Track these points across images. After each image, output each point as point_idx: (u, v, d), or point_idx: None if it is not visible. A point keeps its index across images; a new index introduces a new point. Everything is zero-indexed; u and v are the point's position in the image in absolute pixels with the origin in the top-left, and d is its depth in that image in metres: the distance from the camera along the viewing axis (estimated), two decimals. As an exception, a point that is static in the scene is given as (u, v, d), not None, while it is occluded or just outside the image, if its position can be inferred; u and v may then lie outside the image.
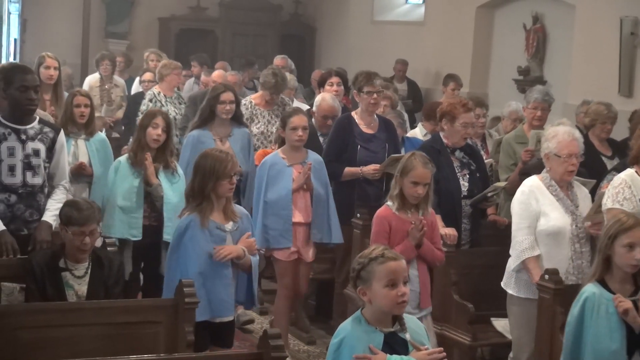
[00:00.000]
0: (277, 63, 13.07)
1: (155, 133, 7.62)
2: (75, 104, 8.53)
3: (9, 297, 5.99)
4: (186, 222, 6.24)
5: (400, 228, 6.50)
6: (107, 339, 5.59)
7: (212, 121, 8.75)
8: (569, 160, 6.60)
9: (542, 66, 14.30)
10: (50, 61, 9.33)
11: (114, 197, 7.62)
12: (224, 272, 6.28)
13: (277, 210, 7.73)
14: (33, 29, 18.16)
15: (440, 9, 16.29)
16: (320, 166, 7.94)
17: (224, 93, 8.71)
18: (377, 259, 4.46)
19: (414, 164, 6.48)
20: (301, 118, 7.81)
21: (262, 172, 7.87)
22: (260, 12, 19.47)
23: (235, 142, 8.75)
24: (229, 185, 6.25)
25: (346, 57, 17.87)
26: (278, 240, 7.74)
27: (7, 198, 6.59)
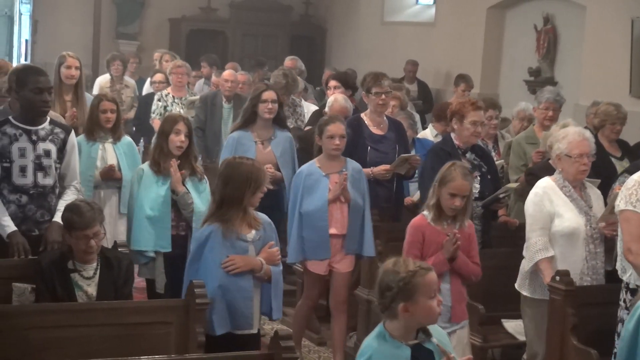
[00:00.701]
0: (288, 64, 13.08)
1: (178, 140, 7.27)
2: (101, 109, 8.25)
3: (20, 297, 6.00)
4: (207, 233, 6.00)
5: (434, 239, 6.30)
6: (117, 340, 5.60)
7: (254, 122, 8.46)
8: (580, 160, 6.60)
9: (553, 67, 14.26)
10: (72, 61, 9.05)
11: (141, 208, 7.24)
12: (244, 285, 6.03)
13: (313, 221, 7.50)
14: (44, 30, 18.21)
15: (450, 10, 16.27)
16: (359, 175, 7.69)
17: (266, 92, 8.42)
18: (417, 272, 4.33)
19: (453, 174, 6.26)
20: (338, 126, 7.54)
21: (298, 182, 7.64)
22: (270, 13, 19.47)
23: (277, 146, 8.48)
24: (260, 195, 6.08)
25: (356, 58, 17.87)
26: (315, 252, 7.55)
27: (19, 199, 6.60)
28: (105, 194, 8.32)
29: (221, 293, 5.92)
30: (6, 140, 6.58)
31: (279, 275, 6.20)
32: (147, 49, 17.98)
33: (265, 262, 6.06)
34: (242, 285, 6.01)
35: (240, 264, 5.97)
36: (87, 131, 8.25)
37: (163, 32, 19.13)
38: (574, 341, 6.16)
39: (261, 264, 6.04)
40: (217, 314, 5.89)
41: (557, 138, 6.77)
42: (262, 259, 6.07)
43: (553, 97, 8.90)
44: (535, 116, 9.04)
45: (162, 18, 19.18)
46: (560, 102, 8.96)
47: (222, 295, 5.92)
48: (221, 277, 5.93)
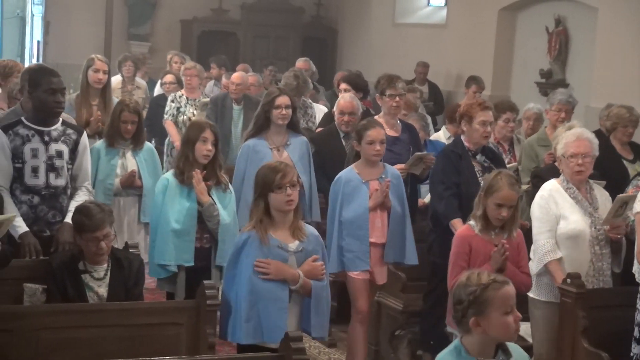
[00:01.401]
0: (299, 66, 13.09)
1: (205, 148, 6.95)
2: (122, 120, 8.01)
3: (32, 298, 6.01)
4: (244, 238, 5.77)
5: (481, 250, 6.12)
6: (128, 341, 5.61)
7: (268, 129, 8.20)
8: (574, 160, 6.64)
9: (565, 69, 14.24)
10: (100, 64, 8.90)
11: (166, 221, 6.90)
12: (280, 295, 5.71)
13: (353, 230, 7.18)
14: (56, 31, 18.25)
15: (462, 12, 16.26)
16: (398, 181, 7.42)
17: (279, 97, 8.13)
18: (491, 285, 4.13)
19: (499, 184, 6.08)
20: (378, 131, 7.26)
21: (337, 189, 7.31)
22: (282, 15, 19.49)
23: (293, 151, 8.21)
24: (284, 197, 5.70)
25: (368, 59, 17.87)
26: (355, 263, 7.19)
27: (30, 199, 6.61)
28: (125, 202, 8.13)
29: (254, 300, 5.66)
30: (19, 141, 6.59)
31: (322, 291, 5.86)
32: (158, 50, 18.03)
33: (303, 275, 5.75)
34: (278, 295, 5.71)
35: (272, 269, 5.69)
36: (107, 138, 8.10)
37: (174, 34, 19.16)
38: (585, 344, 6.15)
39: (298, 277, 5.74)
40: (248, 322, 5.65)
41: (557, 141, 6.82)
42: (302, 271, 5.77)
43: (565, 98, 8.90)
44: (548, 118, 9.04)
45: (173, 19, 19.21)
46: (572, 104, 8.96)
47: (254, 303, 5.66)
48: (255, 284, 5.66)
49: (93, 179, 7.63)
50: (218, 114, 10.87)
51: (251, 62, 16.74)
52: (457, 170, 7.40)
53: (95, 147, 7.98)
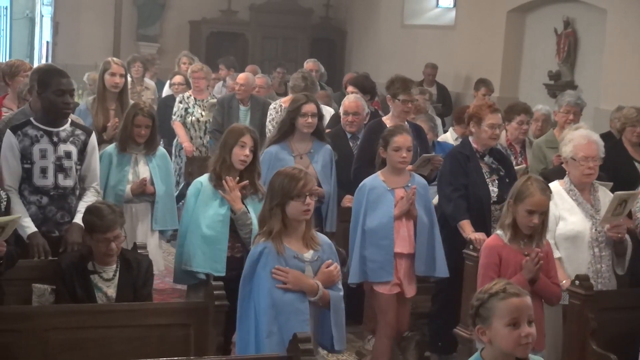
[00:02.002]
0: (308, 67, 13.10)
1: (242, 153, 6.75)
2: (136, 124, 7.76)
3: (40, 298, 6.02)
4: (259, 249, 5.51)
5: (511, 260, 5.92)
6: (137, 341, 5.61)
7: (292, 135, 8.00)
8: (585, 164, 6.61)
9: (573, 71, 14.23)
10: (117, 68, 8.71)
11: (197, 226, 6.70)
12: (300, 307, 5.49)
13: (377, 239, 6.99)
14: (65, 32, 18.30)
15: (471, 13, 16.26)
16: (425, 190, 7.23)
17: (306, 104, 7.90)
18: (497, 294, 4.00)
19: (530, 190, 5.88)
20: (405, 137, 7.09)
21: (360, 197, 7.13)
22: (290, 16, 19.51)
23: (317, 160, 8.01)
24: (302, 206, 5.47)
25: (376, 60, 17.88)
26: (378, 274, 7.00)
27: (39, 200, 6.62)
28: (137, 209, 7.92)
29: (274, 314, 5.43)
30: (27, 141, 6.60)
31: (340, 302, 5.67)
32: (167, 51, 18.07)
33: (321, 285, 5.55)
34: (299, 307, 5.49)
35: (290, 279, 5.46)
36: (119, 142, 7.88)
37: (183, 35, 19.19)
38: (594, 346, 6.13)
39: (316, 287, 5.53)
40: (270, 337, 5.42)
41: (565, 142, 6.79)
42: (319, 280, 5.57)
43: (574, 100, 8.89)
44: (556, 120, 9.03)
45: (182, 20, 19.23)
46: (581, 105, 8.95)
47: (275, 316, 5.43)
48: (276, 297, 5.44)
49: (104, 185, 7.57)
50: (225, 115, 10.90)
51: (260, 63, 16.77)
52: (465, 172, 7.41)
53: (107, 151, 7.86)
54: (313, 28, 19.89)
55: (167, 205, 7.92)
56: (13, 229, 5.64)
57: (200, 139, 11.31)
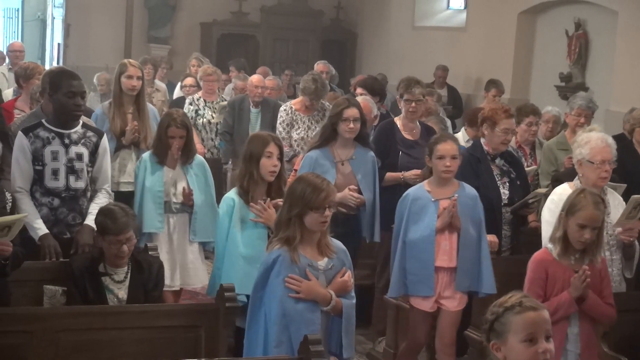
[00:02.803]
0: (319, 68, 13.11)
1: (271, 164, 6.44)
2: (170, 135, 7.42)
3: (52, 299, 6.04)
4: (273, 257, 5.37)
5: (559, 277, 5.69)
6: (148, 343, 5.63)
7: (334, 141, 7.67)
8: (602, 167, 6.56)
9: (584, 72, 14.20)
10: (133, 70, 8.38)
11: (235, 245, 6.42)
12: (311, 317, 5.38)
13: (418, 252, 6.76)
14: (76, 34, 18.35)
15: (482, 15, 16.24)
16: (474, 201, 6.92)
17: (348, 109, 7.56)
18: (513, 308, 3.82)
19: (583, 203, 5.65)
20: (450, 145, 6.84)
21: (403, 208, 6.88)
22: (301, 18, 19.52)
23: (358, 167, 7.69)
24: (320, 218, 5.33)
25: (387, 62, 17.88)
26: (417, 287, 6.80)
27: (51, 202, 6.64)
28: (176, 221, 7.54)
29: (285, 323, 5.32)
30: (39, 143, 6.62)
31: (351, 310, 5.54)
32: (178, 53, 18.09)
33: (334, 295, 5.44)
34: (310, 317, 5.37)
35: (303, 289, 5.35)
36: (155, 154, 7.54)
37: (194, 36, 19.21)
38: (605, 348, 6.12)
39: (330, 297, 5.41)
40: (278, 347, 5.31)
41: (579, 143, 6.73)
42: (333, 290, 5.44)
43: (585, 103, 8.86)
44: (567, 122, 9.01)
45: (193, 22, 19.26)
46: (592, 108, 8.93)
47: (285, 325, 5.31)
48: (287, 307, 5.33)
49: (140, 189, 7.43)
50: (235, 117, 10.91)
51: (270, 65, 16.79)
52: (476, 174, 7.40)
53: (143, 158, 7.60)
54: (324, 30, 19.90)
55: (207, 216, 7.48)
56: (19, 228, 5.64)
57: (211, 140, 11.31)
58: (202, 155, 10.81)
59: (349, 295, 5.54)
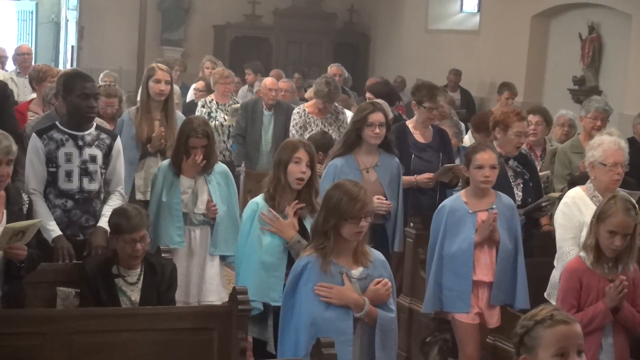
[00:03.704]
0: (332, 71, 13.10)
1: (298, 170, 6.14)
2: (191, 146, 7.05)
3: (65, 301, 6.05)
4: (303, 263, 5.20)
5: (593, 286, 5.53)
6: (160, 345, 5.62)
7: (358, 147, 7.42)
8: (614, 169, 6.54)
9: (598, 76, 14.19)
10: (162, 74, 8.12)
11: (253, 251, 6.14)
12: (342, 326, 5.14)
13: (455, 266, 6.54)
14: (90, 36, 18.40)
15: (495, 18, 16.23)
16: (512, 213, 6.73)
17: (373, 114, 7.30)
18: (544, 321, 3.71)
19: (613, 209, 5.48)
20: (489, 155, 6.61)
21: (439, 219, 6.67)
22: (314, 20, 19.53)
23: (383, 174, 7.44)
24: (356, 229, 5.13)
25: (400, 65, 17.88)
26: (454, 304, 6.57)
27: (64, 203, 6.65)
28: (198, 234, 7.21)
29: (315, 333, 5.04)
30: (53, 145, 6.63)
31: (390, 323, 5.29)
32: (191, 55, 18.11)
33: (369, 302, 5.20)
34: (340, 327, 5.14)
35: (334, 295, 5.14)
36: (174, 165, 7.17)
37: (207, 39, 19.24)
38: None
39: (363, 303, 5.18)
40: (308, 356, 5.04)
41: (592, 146, 6.71)
42: (368, 298, 5.21)
43: (602, 106, 8.84)
44: (582, 125, 8.98)
45: (206, 25, 19.30)
46: (608, 112, 8.91)
47: (315, 335, 5.02)
48: (316, 314, 5.11)
49: (157, 200, 7.13)
50: (248, 120, 10.92)
51: (283, 67, 16.79)
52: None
53: (161, 167, 7.28)
54: (337, 33, 19.91)
55: (229, 228, 7.15)
56: (33, 233, 5.66)
57: (224, 143, 11.33)
58: None
59: (387, 308, 5.29)
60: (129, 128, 8.09)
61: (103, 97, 8.49)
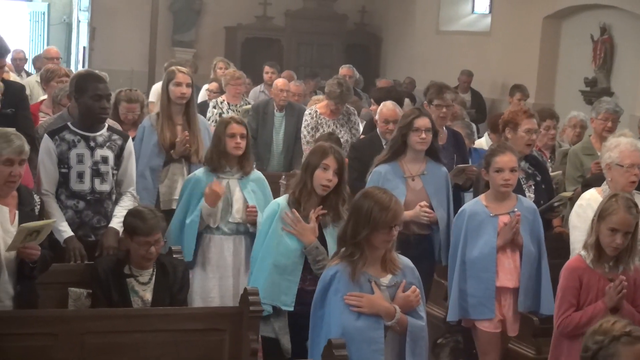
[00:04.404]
0: (343, 73, 13.11)
1: (324, 177, 5.98)
2: (229, 134, 6.86)
3: (76, 302, 6.05)
4: (332, 273, 5.10)
5: (593, 285, 5.50)
6: (172, 346, 5.63)
7: (404, 154, 7.20)
8: (631, 170, 6.54)
9: (610, 77, 14.17)
10: (182, 77, 7.86)
11: (269, 252, 5.99)
12: (373, 336, 5.06)
13: (478, 271, 6.41)
14: (102, 37, 18.43)
15: (506, 19, 16.22)
16: (533, 215, 6.62)
17: (419, 118, 7.08)
18: (620, 338, 3.63)
19: (614, 207, 5.44)
20: (509, 157, 6.51)
21: (460, 224, 6.56)
22: (325, 22, 19.54)
23: (430, 182, 7.19)
24: (387, 237, 5.05)
25: (411, 67, 17.87)
26: (478, 310, 6.43)
27: (76, 204, 6.65)
28: (229, 241, 6.98)
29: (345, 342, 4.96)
30: (65, 146, 6.64)
31: (420, 331, 5.20)
32: (203, 57, 18.12)
33: (399, 310, 5.12)
34: (372, 336, 5.06)
35: (364, 303, 5.05)
36: (209, 163, 6.99)
37: (219, 40, 19.27)
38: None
39: (394, 311, 5.10)
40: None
41: (608, 147, 6.70)
42: (397, 305, 5.13)
43: (612, 108, 8.82)
44: (593, 127, 8.96)
45: (218, 26, 19.33)
46: (619, 113, 8.89)
47: (346, 345, 4.94)
48: (346, 324, 5.02)
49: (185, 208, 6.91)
50: (259, 121, 10.91)
51: (295, 69, 16.78)
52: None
53: (195, 177, 7.01)
54: (348, 34, 19.91)
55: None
56: (47, 233, 5.69)
57: (235, 144, 11.31)
58: None
59: (417, 315, 5.21)
60: (151, 135, 7.87)
61: (124, 103, 8.48)
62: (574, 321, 5.49)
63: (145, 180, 7.74)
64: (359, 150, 8.69)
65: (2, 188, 5.70)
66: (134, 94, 8.72)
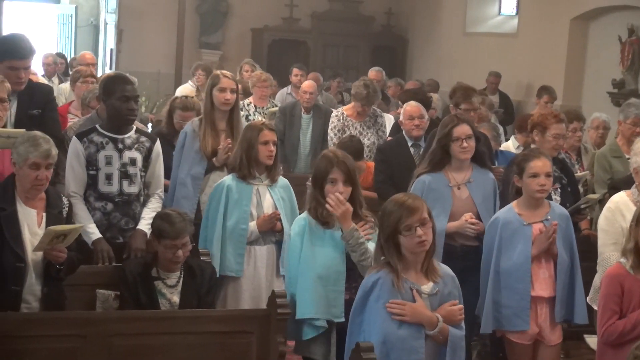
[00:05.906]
0: (372, 76, 13.09)
1: (335, 191, 5.80)
2: (262, 141, 6.65)
3: (104, 304, 6.08)
4: (373, 280, 5.02)
5: (635, 291, 5.36)
6: (200, 348, 5.64)
7: (448, 163, 6.89)
8: None
9: (637, 79, 14.08)
10: (227, 82, 7.56)
11: (309, 267, 5.74)
12: (415, 345, 4.96)
13: (512, 282, 6.20)
14: (129, 39, 18.49)
15: (533, 21, 16.15)
16: (566, 223, 6.40)
17: (457, 126, 6.78)
18: None
19: None
20: (544, 162, 6.30)
21: (492, 233, 6.34)
22: (352, 24, 19.53)
23: (477, 190, 6.89)
24: (415, 239, 4.93)
25: (438, 68, 17.84)
26: (512, 321, 6.22)
27: (104, 206, 6.67)
28: (261, 251, 6.76)
29: (386, 351, 4.92)
30: (93, 148, 6.66)
31: (460, 340, 5.10)
32: (229, 58, 18.18)
33: (442, 320, 5.03)
34: (413, 345, 4.97)
35: (407, 312, 4.96)
36: (239, 170, 6.74)
37: (245, 42, 19.31)
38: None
39: (436, 320, 5.01)
40: None
41: (636, 151, 6.66)
42: (440, 315, 5.05)
43: (641, 113, 8.77)
44: (620, 130, 8.91)
45: (244, 28, 19.36)
46: (649, 117, 8.84)
47: (386, 354, 4.92)
48: (388, 331, 4.94)
49: (220, 224, 6.66)
50: (287, 123, 10.92)
51: (321, 70, 16.80)
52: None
53: (224, 183, 6.77)
54: (374, 36, 19.90)
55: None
56: (75, 237, 5.72)
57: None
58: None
59: (458, 326, 5.13)
60: (193, 141, 7.60)
61: (179, 111, 8.43)
62: (618, 329, 5.36)
63: (186, 188, 7.53)
64: (385, 152, 8.69)
65: (29, 191, 5.75)
66: (189, 102, 8.59)
